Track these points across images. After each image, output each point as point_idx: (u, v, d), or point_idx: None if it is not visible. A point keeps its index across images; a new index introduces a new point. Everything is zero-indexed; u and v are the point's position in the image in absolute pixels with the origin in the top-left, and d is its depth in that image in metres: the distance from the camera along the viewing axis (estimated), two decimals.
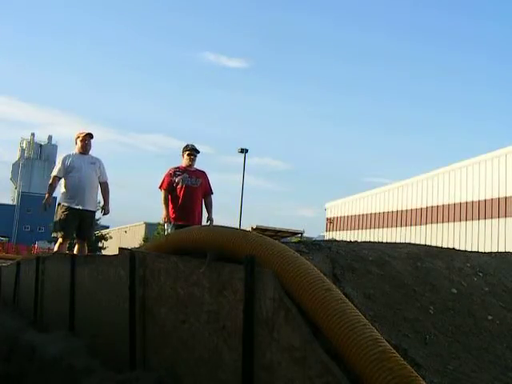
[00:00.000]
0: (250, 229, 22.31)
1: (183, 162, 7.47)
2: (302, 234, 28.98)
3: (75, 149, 7.41)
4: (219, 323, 3.11)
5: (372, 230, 27.91)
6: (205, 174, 7.60)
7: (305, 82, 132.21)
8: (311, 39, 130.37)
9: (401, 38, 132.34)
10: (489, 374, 3.19)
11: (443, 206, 23.94)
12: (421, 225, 25.04)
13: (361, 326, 2.49)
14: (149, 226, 51.97)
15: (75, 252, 7.26)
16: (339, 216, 30.99)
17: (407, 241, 7.41)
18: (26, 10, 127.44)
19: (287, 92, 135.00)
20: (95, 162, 7.45)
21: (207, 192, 7.54)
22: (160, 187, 7.39)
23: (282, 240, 11.40)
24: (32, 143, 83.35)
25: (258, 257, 2.89)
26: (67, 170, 7.24)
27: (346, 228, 30.13)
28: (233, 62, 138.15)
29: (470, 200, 22.62)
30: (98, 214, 8.25)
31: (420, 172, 30.53)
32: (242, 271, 2.91)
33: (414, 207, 25.68)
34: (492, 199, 21.58)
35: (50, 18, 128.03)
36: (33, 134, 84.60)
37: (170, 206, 7.30)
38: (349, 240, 4.88)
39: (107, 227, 55.24)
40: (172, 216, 7.24)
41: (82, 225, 7.27)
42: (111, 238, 47.49)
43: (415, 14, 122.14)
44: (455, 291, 3.92)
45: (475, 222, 22.15)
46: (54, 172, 7.39)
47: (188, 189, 7.26)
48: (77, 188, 7.21)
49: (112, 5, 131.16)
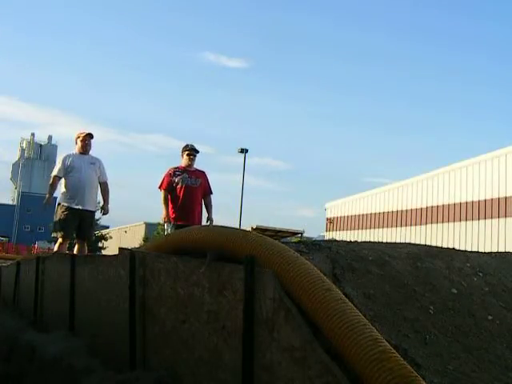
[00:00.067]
0: (250, 229, 22.29)
1: (183, 161, 7.47)
2: (302, 234, 28.98)
3: (75, 149, 7.42)
4: (219, 323, 3.11)
5: (372, 230, 27.88)
6: (204, 173, 7.61)
7: (305, 82, 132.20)
8: (311, 39, 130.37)
9: (401, 38, 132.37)
10: (489, 374, 3.19)
11: (443, 206, 23.91)
12: (421, 225, 25.01)
13: (361, 325, 2.49)
14: (149, 226, 51.99)
15: (75, 252, 7.26)
16: (339, 216, 30.95)
17: (407, 241, 7.40)
18: (25, 10, 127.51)
19: (287, 92, 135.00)
20: (95, 162, 7.45)
21: (207, 192, 7.54)
22: (160, 187, 7.39)
23: (282, 240, 11.40)
24: (32, 143, 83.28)
25: (257, 257, 2.89)
26: (67, 170, 7.25)
27: (345, 228, 30.10)
28: (233, 62, 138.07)
29: (469, 200, 22.59)
30: (98, 214, 8.26)
31: (420, 172, 30.59)
32: (242, 271, 2.91)
33: (414, 207, 25.65)
34: (492, 199, 21.55)
35: (50, 17, 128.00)
36: (33, 134, 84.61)
37: (169, 205, 7.31)
38: (349, 240, 4.88)
39: (107, 227, 55.27)
40: (172, 216, 7.25)
41: (82, 225, 7.27)
42: (111, 237, 47.54)
43: (415, 14, 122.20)
44: (455, 291, 3.92)
45: (475, 222, 22.12)
46: (54, 172, 7.40)
47: (188, 189, 7.27)
48: (77, 188, 7.21)
49: (112, 5, 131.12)
